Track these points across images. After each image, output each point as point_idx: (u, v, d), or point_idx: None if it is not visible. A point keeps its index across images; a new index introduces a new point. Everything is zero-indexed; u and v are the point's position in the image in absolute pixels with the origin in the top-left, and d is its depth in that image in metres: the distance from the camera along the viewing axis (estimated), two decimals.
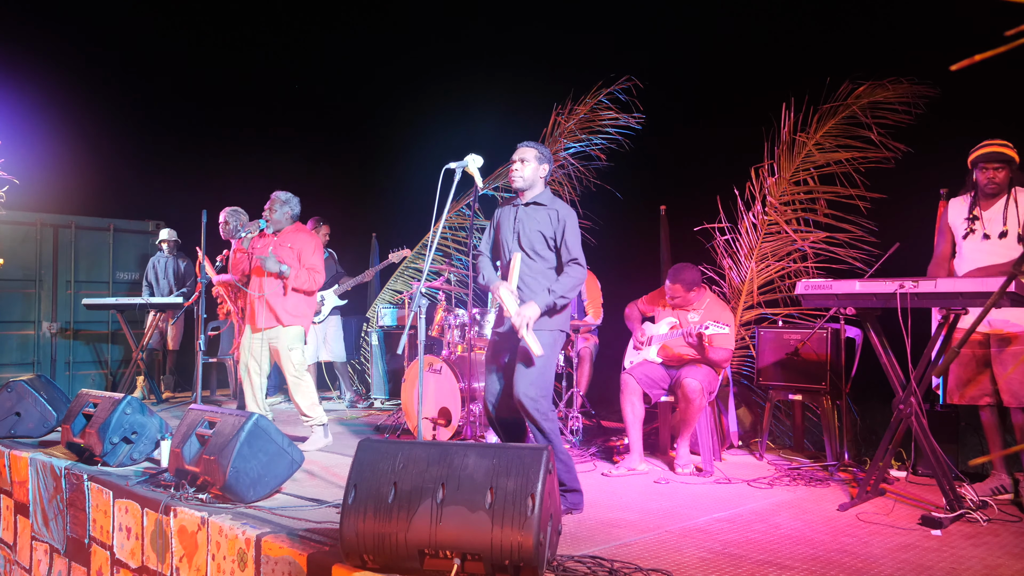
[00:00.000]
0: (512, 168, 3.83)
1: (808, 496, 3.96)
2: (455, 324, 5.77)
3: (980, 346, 3.89)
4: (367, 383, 8.12)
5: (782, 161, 5.83)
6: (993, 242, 3.88)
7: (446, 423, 5.29)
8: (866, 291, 3.61)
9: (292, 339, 5.15)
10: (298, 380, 5.12)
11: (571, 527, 3.30)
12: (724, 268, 5.94)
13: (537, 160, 3.80)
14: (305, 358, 5.26)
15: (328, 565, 2.73)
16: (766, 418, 5.08)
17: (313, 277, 5.22)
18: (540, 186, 3.87)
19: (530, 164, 3.79)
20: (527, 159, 3.79)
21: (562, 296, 3.68)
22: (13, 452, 4.89)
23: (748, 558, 2.92)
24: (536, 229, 3.77)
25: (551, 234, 3.78)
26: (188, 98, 9.89)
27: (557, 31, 8.30)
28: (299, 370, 5.14)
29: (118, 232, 9.16)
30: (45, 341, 8.67)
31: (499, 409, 3.81)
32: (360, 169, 10.04)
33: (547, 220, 3.78)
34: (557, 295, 3.66)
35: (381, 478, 2.60)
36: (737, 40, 7.01)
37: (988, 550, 3.05)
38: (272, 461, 3.68)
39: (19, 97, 7.96)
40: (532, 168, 3.80)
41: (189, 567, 3.44)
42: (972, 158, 3.97)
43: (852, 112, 5.63)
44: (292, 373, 5.12)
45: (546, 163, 3.84)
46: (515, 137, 3.93)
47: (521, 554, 2.40)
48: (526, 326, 3.56)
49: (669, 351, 4.79)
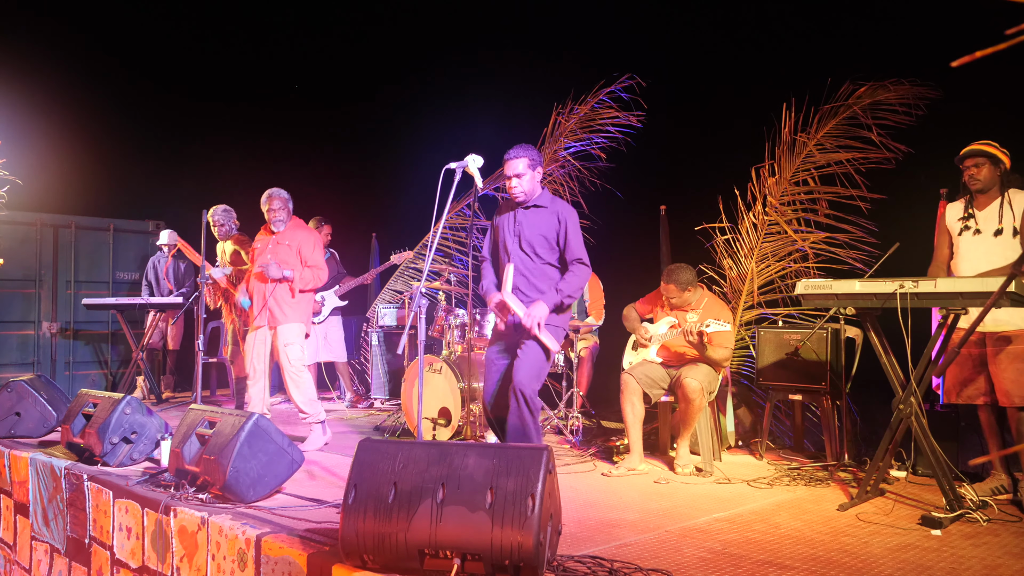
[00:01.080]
0: (511, 186, 3.85)
1: (808, 496, 3.96)
2: (455, 324, 5.77)
3: (976, 345, 3.90)
4: (367, 383, 8.13)
5: (782, 161, 5.83)
6: (987, 239, 3.91)
7: (446, 423, 5.29)
8: (866, 291, 3.61)
9: (290, 335, 5.16)
10: (296, 377, 5.12)
11: (571, 527, 3.30)
12: (724, 268, 5.94)
13: (530, 168, 3.81)
14: (304, 356, 5.26)
15: (328, 565, 2.72)
16: (766, 418, 5.08)
17: (316, 275, 5.25)
18: (538, 189, 3.89)
19: (526, 176, 3.81)
20: (521, 172, 3.80)
21: (568, 295, 3.73)
22: (13, 452, 4.89)
23: (748, 558, 2.92)
24: (538, 232, 3.79)
25: (553, 235, 3.80)
26: (188, 98, 9.89)
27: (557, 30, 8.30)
28: (296, 366, 5.13)
29: (118, 232, 9.16)
30: (45, 341, 8.67)
31: (496, 408, 3.85)
32: (360, 169, 10.03)
33: (548, 222, 3.80)
34: (564, 294, 3.72)
35: (381, 478, 2.60)
36: (738, 40, 7.01)
37: (988, 550, 3.05)
38: (272, 461, 3.68)
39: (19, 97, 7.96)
40: (528, 178, 3.82)
41: (189, 567, 3.44)
42: (957, 157, 4.03)
43: (853, 113, 5.63)
44: (289, 369, 5.13)
45: (538, 165, 3.86)
46: (515, 137, 3.93)
47: (521, 554, 2.40)
48: (537, 325, 3.59)
49: (669, 351, 4.79)
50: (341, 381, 7.65)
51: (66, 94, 8.84)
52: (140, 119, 9.47)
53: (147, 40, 9.87)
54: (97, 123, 9.02)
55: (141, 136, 9.39)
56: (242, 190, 7.15)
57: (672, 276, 4.71)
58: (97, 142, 8.94)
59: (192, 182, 9.12)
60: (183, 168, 9.38)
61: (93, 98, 9.07)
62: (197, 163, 9.47)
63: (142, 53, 9.78)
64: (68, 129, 8.80)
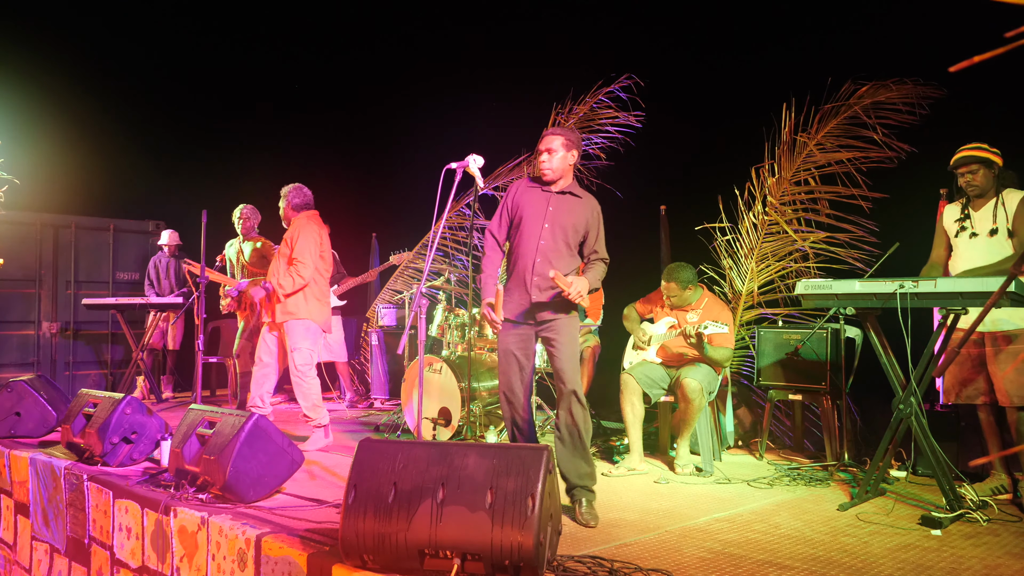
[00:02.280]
0: (540, 160, 3.63)
1: (808, 496, 3.96)
2: (455, 324, 5.77)
3: (976, 345, 3.90)
4: (367, 383, 8.12)
5: (783, 161, 5.83)
6: (983, 239, 3.93)
7: (446, 423, 5.29)
8: (866, 291, 3.61)
9: (297, 337, 5.10)
10: (300, 381, 5.10)
11: (571, 527, 3.31)
12: (724, 268, 5.94)
13: (565, 147, 3.60)
14: (312, 361, 5.17)
15: (328, 565, 2.72)
16: (766, 418, 5.08)
17: (292, 276, 5.04)
18: (570, 176, 3.68)
19: (558, 153, 3.59)
20: (554, 148, 3.59)
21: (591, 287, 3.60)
22: (13, 452, 4.89)
23: (748, 558, 2.92)
24: (571, 220, 3.61)
25: (583, 228, 3.64)
26: (189, 98, 9.89)
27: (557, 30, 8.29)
28: (302, 371, 5.10)
29: (118, 232, 9.16)
30: (45, 341, 8.67)
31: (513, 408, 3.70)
32: (360, 169, 10.03)
33: (582, 213, 3.63)
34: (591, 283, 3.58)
35: (381, 478, 2.60)
36: (738, 39, 7.01)
37: (988, 550, 3.05)
38: (272, 461, 3.68)
39: (20, 97, 7.96)
40: (560, 157, 3.60)
41: (190, 567, 3.44)
42: (951, 165, 4.04)
43: (854, 112, 5.63)
44: (295, 373, 5.11)
45: (575, 149, 3.63)
46: (515, 137, 3.91)
47: (521, 554, 2.40)
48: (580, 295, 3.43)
49: (668, 351, 4.79)
50: (341, 381, 7.65)
51: (66, 94, 8.83)
52: (140, 119, 9.46)
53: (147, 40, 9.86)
54: (97, 123, 9.01)
55: (141, 136, 9.38)
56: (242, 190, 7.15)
57: (673, 275, 4.72)
58: (97, 142, 8.94)
59: (192, 182, 9.12)
60: (183, 168, 9.38)
61: (93, 98, 9.07)
62: (197, 163, 9.47)
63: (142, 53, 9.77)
64: (68, 129, 8.80)
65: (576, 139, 3.66)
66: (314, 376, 5.17)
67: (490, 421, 5.41)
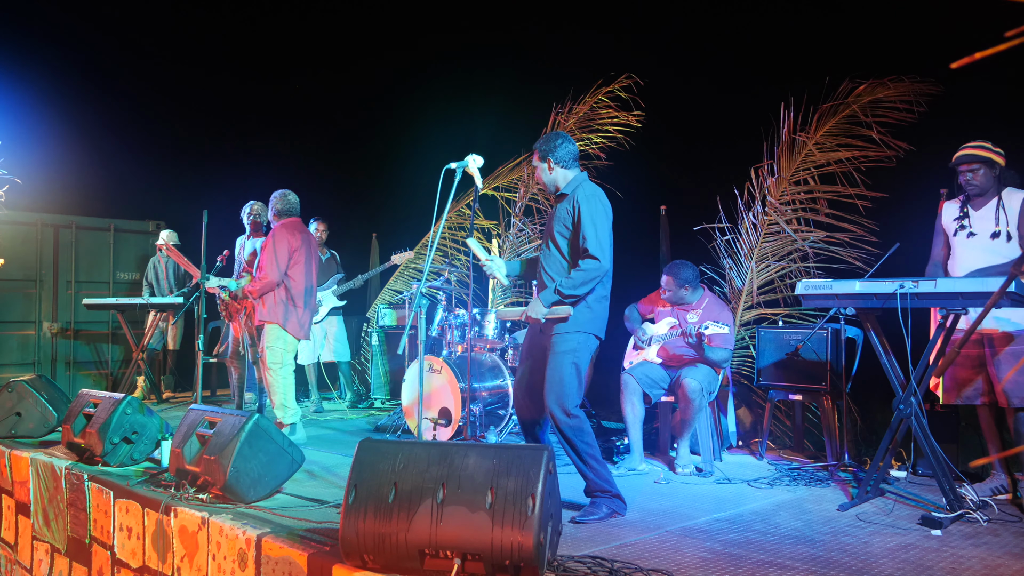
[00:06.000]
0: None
1: (808, 496, 3.96)
2: (455, 324, 5.76)
3: (976, 346, 3.89)
4: (367, 383, 8.13)
5: (782, 161, 5.83)
6: (983, 240, 3.91)
7: (446, 423, 5.29)
8: (866, 291, 3.61)
9: (270, 337, 5.27)
10: (270, 378, 5.27)
11: (571, 527, 3.30)
12: (724, 268, 5.94)
13: (539, 160, 3.64)
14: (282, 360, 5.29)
15: (328, 565, 2.73)
16: (766, 418, 5.08)
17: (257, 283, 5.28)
18: (563, 177, 3.63)
19: (538, 168, 3.69)
20: (535, 165, 3.71)
21: (568, 294, 3.40)
22: (13, 452, 4.89)
23: (748, 558, 2.92)
24: (559, 222, 3.58)
25: (569, 222, 3.53)
26: (189, 98, 9.89)
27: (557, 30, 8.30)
28: (272, 369, 5.25)
29: (118, 232, 9.16)
30: (45, 341, 8.67)
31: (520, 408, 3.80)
32: (360, 169, 10.03)
33: (566, 209, 3.57)
34: (563, 292, 3.39)
35: (381, 478, 2.60)
36: (737, 39, 7.01)
37: (988, 550, 3.05)
38: (272, 461, 3.69)
39: (20, 96, 7.96)
40: (543, 170, 3.65)
41: (190, 567, 3.44)
42: (952, 161, 4.01)
43: (852, 111, 5.62)
44: (264, 369, 5.32)
45: (549, 155, 3.59)
46: (515, 137, 3.91)
47: (521, 554, 2.40)
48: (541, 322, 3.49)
49: (669, 351, 4.79)
50: (341, 381, 7.65)
51: (67, 94, 8.84)
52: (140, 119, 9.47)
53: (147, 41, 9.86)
54: (97, 123, 9.02)
55: (141, 136, 9.39)
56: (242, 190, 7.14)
57: (672, 269, 4.72)
58: (97, 142, 8.95)
59: (192, 182, 9.12)
60: (183, 168, 9.39)
61: (93, 98, 9.07)
62: (197, 163, 9.47)
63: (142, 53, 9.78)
64: (68, 129, 8.80)
65: (548, 146, 3.61)
66: (285, 376, 5.31)
67: (490, 421, 5.41)
